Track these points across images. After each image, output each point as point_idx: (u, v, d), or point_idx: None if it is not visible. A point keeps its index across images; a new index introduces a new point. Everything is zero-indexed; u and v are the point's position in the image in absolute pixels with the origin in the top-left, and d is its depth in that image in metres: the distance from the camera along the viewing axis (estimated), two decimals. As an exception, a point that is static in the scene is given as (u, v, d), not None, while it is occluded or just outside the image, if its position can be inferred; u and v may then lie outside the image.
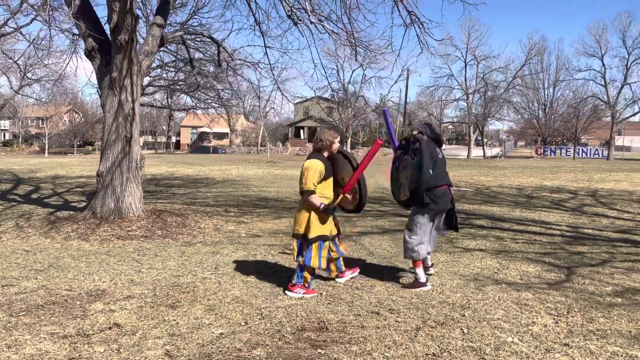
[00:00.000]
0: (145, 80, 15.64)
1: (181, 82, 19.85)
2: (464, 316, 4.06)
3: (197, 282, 4.99)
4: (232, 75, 15.27)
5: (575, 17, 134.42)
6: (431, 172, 4.60)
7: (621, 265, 5.77)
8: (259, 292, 4.67)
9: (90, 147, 63.18)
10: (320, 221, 4.54)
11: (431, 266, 5.07)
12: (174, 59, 17.16)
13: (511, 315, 4.10)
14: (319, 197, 4.50)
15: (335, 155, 4.71)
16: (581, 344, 3.53)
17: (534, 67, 48.43)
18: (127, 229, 7.48)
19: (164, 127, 71.04)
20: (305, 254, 4.54)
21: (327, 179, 4.60)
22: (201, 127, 64.16)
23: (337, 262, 4.97)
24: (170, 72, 19.62)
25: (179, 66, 17.58)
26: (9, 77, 26.53)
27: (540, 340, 3.61)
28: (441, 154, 4.84)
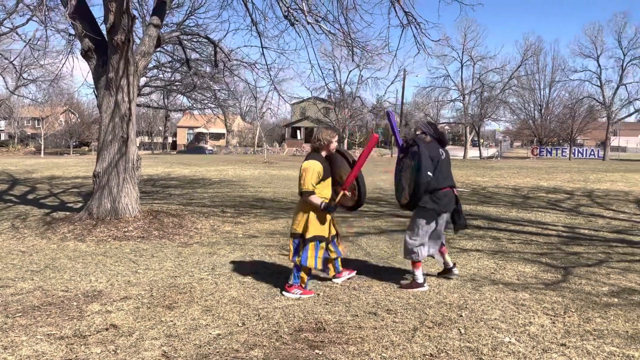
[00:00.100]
0: (141, 80, 15.63)
1: (178, 83, 19.79)
2: (461, 316, 4.06)
3: (194, 283, 4.98)
4: (229, 75, 15.25)
5: (571, 18, 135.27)
6: (430, 174, 4.59)
7: (617, 265, 5.79)
8: (256, 293, 4.66)
9: (86, 148, 62.94)
10: (318, 221, 4.54)
11: (454, 266, 5.09)
12: (170, 59, 17.11)
13: (508, 315, 4.10)
14: (318, 197, 4.51)
15: (332, 154, 4.73)
16: (578, 344, 3.54)
17: (530, 67, 48.71)
18: (123, 229, 7.46)
19: (161, 128, 70.90)
20: (301, 254, 4.54)
21: (326, 180, 4.60)
22: (198, 127, 64.06)
23: (335, 262, 4.98)
24: (166, 73, 19.58)
25: (175, 67, 17.53)
26: (5, 78, 26.28)
27: (537, 340, 3.61)
28: (445, 155, 4.83)
